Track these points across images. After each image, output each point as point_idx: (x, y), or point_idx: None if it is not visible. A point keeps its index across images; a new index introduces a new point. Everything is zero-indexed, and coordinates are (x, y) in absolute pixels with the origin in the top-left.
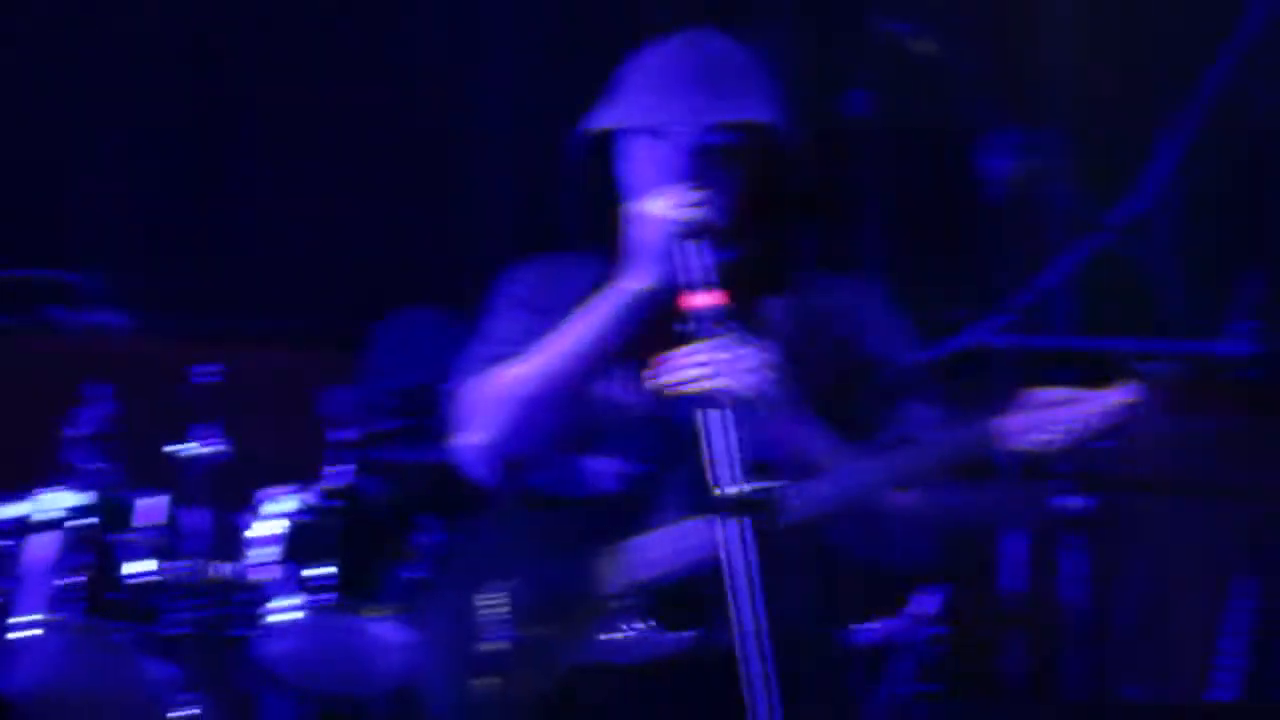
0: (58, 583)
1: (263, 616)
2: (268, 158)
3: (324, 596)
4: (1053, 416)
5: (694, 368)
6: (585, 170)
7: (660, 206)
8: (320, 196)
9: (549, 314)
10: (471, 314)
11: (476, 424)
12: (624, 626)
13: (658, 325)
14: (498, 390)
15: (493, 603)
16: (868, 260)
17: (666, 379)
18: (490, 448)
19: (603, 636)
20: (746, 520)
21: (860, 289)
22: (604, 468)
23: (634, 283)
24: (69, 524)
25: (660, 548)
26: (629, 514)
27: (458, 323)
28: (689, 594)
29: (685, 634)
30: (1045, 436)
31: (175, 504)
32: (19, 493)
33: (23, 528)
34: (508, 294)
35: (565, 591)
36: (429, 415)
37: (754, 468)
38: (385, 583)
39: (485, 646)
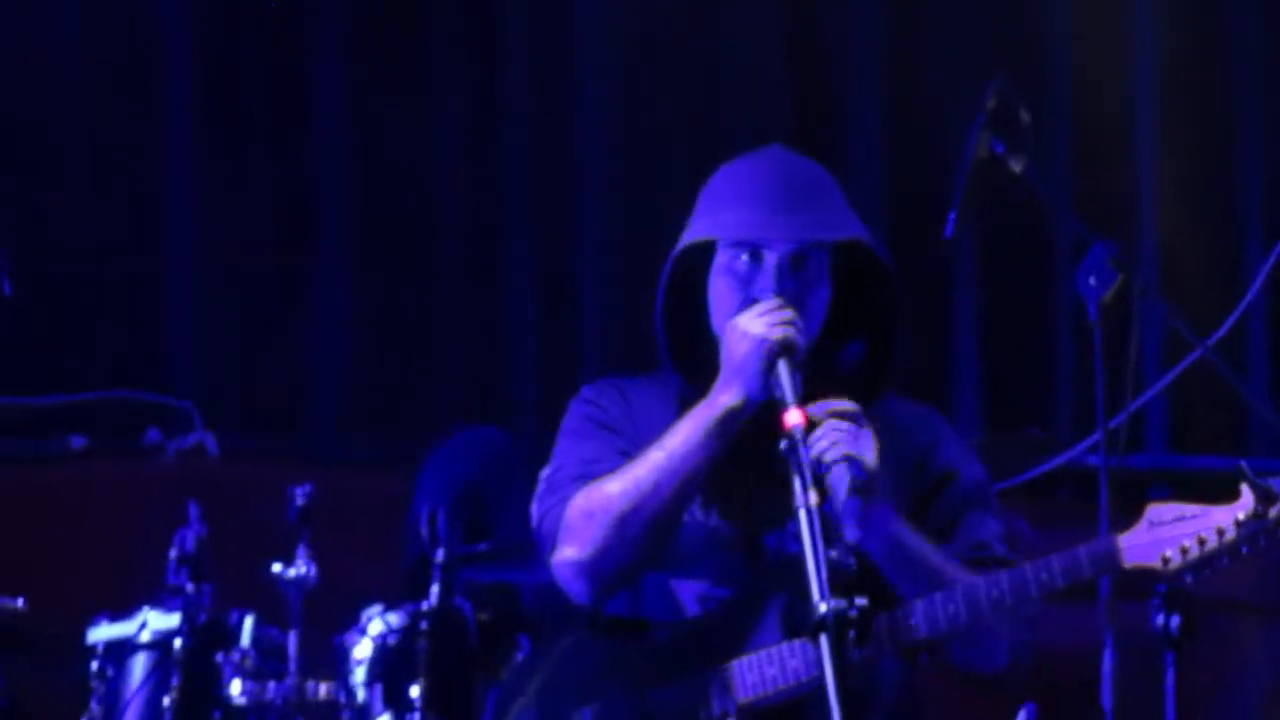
0: (158, 703)
1: None
2: (358, 279)
3: (414, 716)
4: (1178, 532)
5: (823, 440)
6: (678, 284)
7: (753, 323)
8: (410, 318)
9: (632, 433)
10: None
11: (572, 540)
12: None
13: (745, 443)
14: (593, 506)
15: None
16: (962, 378)
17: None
18: (586, 564)
19: None
20: (839, 638)
21: (925, 408)
22: (687, 590)
23: (727, 399)
24: (168, 644)
25: (755, 671)
26: (712, 638)
27: (512, 442)
28: (783, 718)
29: None
30: (1170, 552)
31: (272, 624)
32: (120, 613)
33: (124, 648)
34: (586, 415)
35: (654, 717)
36: (493, 536)
37: (845, 585)
38: (478, 704)
39: None
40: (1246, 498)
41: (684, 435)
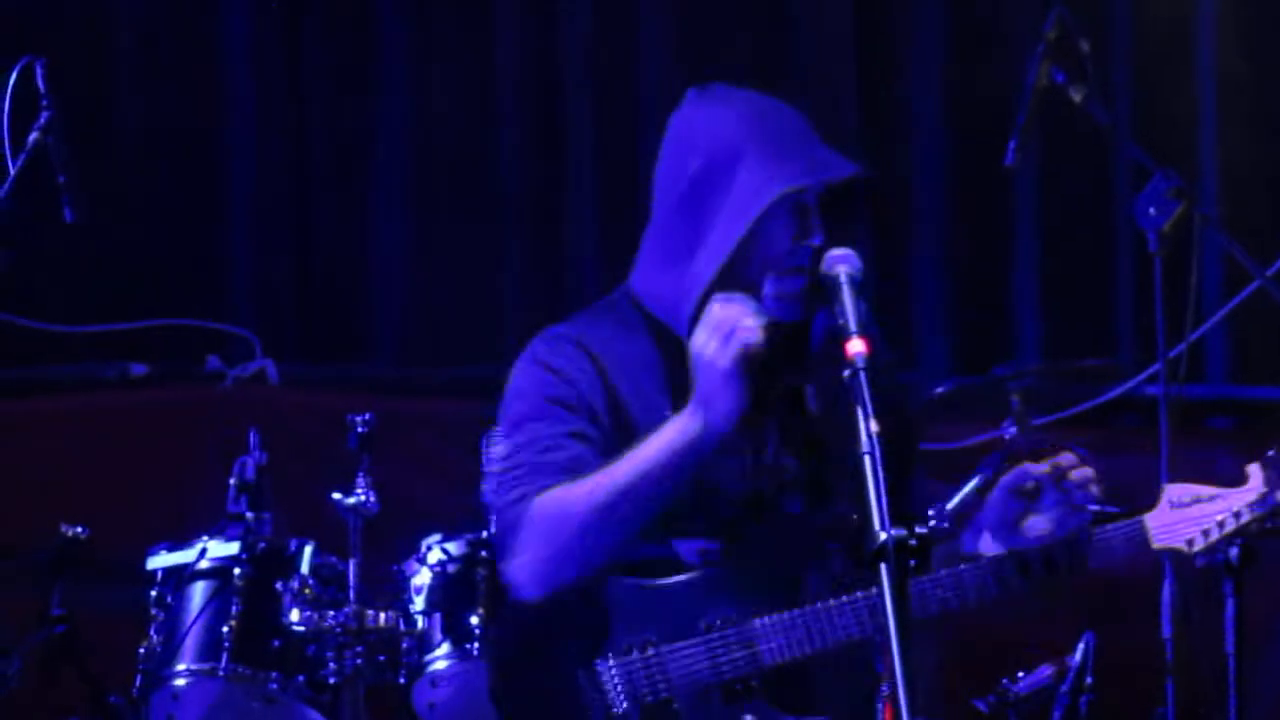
0: (216, 630)
1: (419, 665)
2: (418, 207)
3: (473, 645)
4: (1198, 514)
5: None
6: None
7: (707, 345)
8: (471, 246)
9: (594, 404)
10: None
11: (531, 550)
12: (739, 712)
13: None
14: (554, 523)
15: (591, 683)
16: (1023, 307)
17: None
18: (542, 574)
19: None
20: (896, 566)
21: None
22: (687, 547)
23: (694, 427)
24: (227, 572)
25: (783, 632)
26: (717, 594)
27: None
28: (802, 678)
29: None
30: (1193, 535)
31: (332, 552)
32: (180, 541)
33: (183, 576)
34: (540, 387)
35: (673, 675)
36: None
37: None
38: None
39: None
40: (1256, 479)
41: (651, 459)
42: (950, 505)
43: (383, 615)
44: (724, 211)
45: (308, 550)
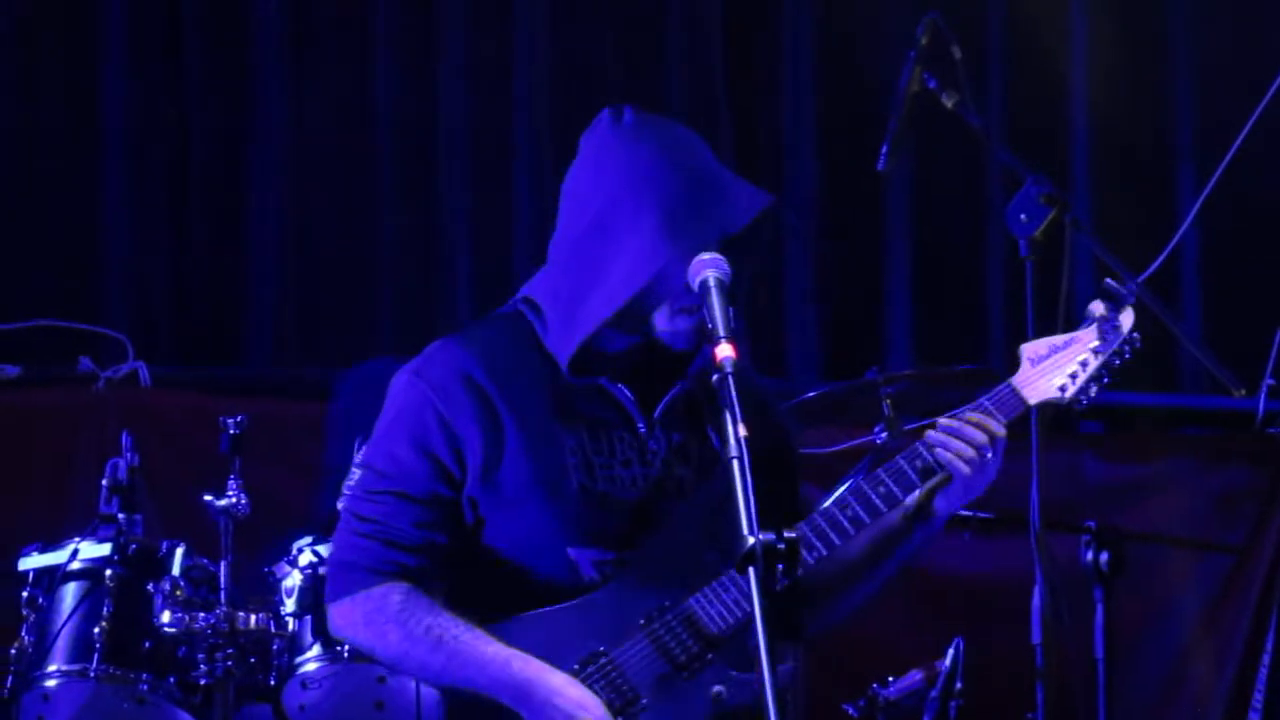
0: (87, 631)
1: (290, 667)
2: (292, 209)
3: (344, 648)
4: (1059, 361)
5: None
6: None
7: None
8: (344, 248)
9: (468, 450)
10: None
11: (349, 628)
12: (707, 686)
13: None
14: (368, 637)
15: None
16: (895, 313)
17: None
18: (349, 641)
19: None
20: (766, 569)
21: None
22: (583, 556)
23: (516, 695)
24: (99, 573)
25: (717, 598)
26: (641, 592)
27: None
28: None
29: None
30: (1062, 380)
31: (203, 554)
32: (52, 542)
33: (55, 577)
34: (413, 430)
35: (631, 675)
36: None
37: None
38: None
39: None
40: (1098, 311)
41: (465, 678)
42: (823, 509)
43: (254, 617)
44: (618, 263)
45: (179, 552)
